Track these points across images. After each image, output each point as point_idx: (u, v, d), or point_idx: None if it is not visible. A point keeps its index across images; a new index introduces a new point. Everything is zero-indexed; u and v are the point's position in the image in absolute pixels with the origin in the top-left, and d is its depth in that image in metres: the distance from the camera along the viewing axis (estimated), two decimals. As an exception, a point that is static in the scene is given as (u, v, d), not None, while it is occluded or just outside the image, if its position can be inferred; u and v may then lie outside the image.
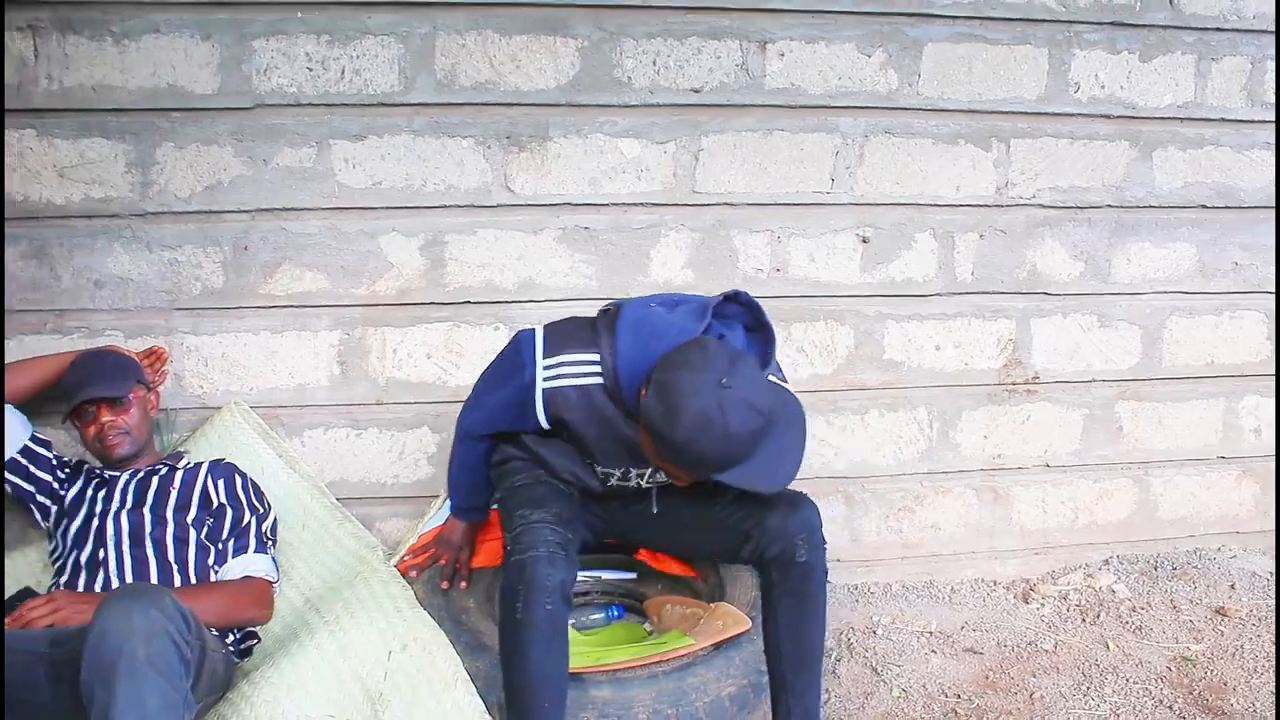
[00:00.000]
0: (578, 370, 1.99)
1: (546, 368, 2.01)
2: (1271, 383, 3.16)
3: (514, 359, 2.07)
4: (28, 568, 2.45)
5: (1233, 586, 3.03)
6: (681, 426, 1.75)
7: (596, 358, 1.98)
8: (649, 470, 2.12)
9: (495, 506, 2.35)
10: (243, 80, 2.56)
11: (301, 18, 2.55)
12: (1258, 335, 3.13)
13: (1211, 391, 3.13)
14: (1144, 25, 2.91)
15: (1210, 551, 3.22)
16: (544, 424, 2.04)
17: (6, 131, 2.51)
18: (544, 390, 2.00)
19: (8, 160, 2.52)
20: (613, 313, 2.03)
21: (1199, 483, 3.19)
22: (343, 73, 2.58)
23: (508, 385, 2.08)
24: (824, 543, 2.08)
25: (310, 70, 2.57)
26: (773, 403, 1.83)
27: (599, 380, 1.97)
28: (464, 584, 2.36)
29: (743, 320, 2.07)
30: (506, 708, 1.95)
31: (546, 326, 2.10)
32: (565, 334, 2.06)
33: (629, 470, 2.12)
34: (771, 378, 2.03)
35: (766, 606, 2.12)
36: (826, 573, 2.09)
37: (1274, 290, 3.11)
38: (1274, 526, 3.24)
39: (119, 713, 1.58)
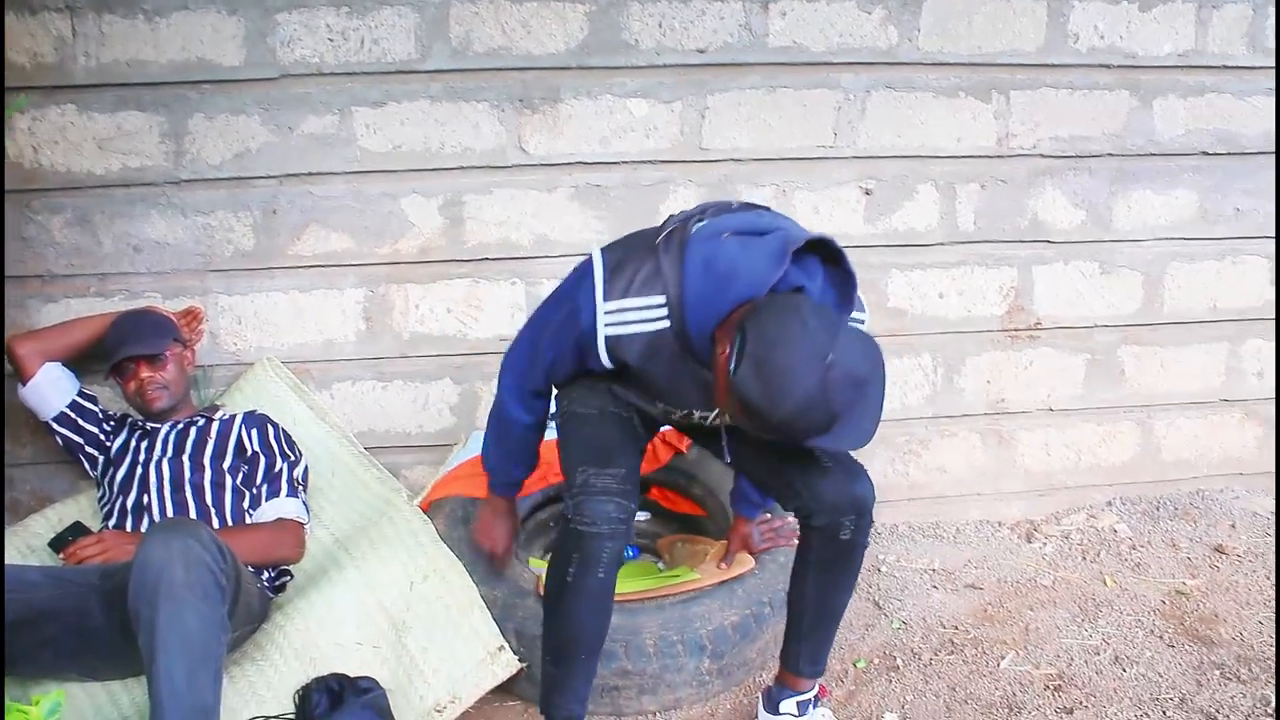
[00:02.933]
0: (643, 315, 1.84)
1: (608, 313, 1.85)
2: (1273, 325, 3.22)
3: (571, 300, 1.92)
4: (79, 514, 2.62)
5: (1233, 526, 3.11)
6: (784, 409, 1.62)
7: (663, 299, 1.82)
8: (714, 413, 2.00)
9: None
10: (268, 52, 2.68)
11: (321, -10, 2.68)
12: (1260, 280, 3.19)
13: (1214, 336, 3.20)
14: (1144, -26, 2.96)
15: (1213, 493, 3.30)
16: (607, 365, 1.91)
17: (48, 107, 2.65)
18: (606, 337, 1.86)
19: (50, 134, 2.67)
20: (680, 240, 1.85)
21: (1202, 425, 3.26)
22: (362, 42, 2.70)
23: (565, 330, 1.94)
24: (873, 523, 2.01)
25: (331, 41, 2.69)
26: (871, 367, 1.68)
27: (666, 324, 1.83)
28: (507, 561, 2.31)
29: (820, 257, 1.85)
30: (545, 652, 2.00)
31: (606, 256, 1.90)
32: (628, 270, 1.86)
33: (693, 411, 2.02)
34: (856, 318, 1.91)
35: (800, 562, 2.06)
36: (867, 546, 2.02)
37: (1274, 235, 3.16)
38: (1274, 468, 3.30)
39: (162, 630, 1.75)
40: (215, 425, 2.58)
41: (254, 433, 2.59)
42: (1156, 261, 3.12)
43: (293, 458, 2.61)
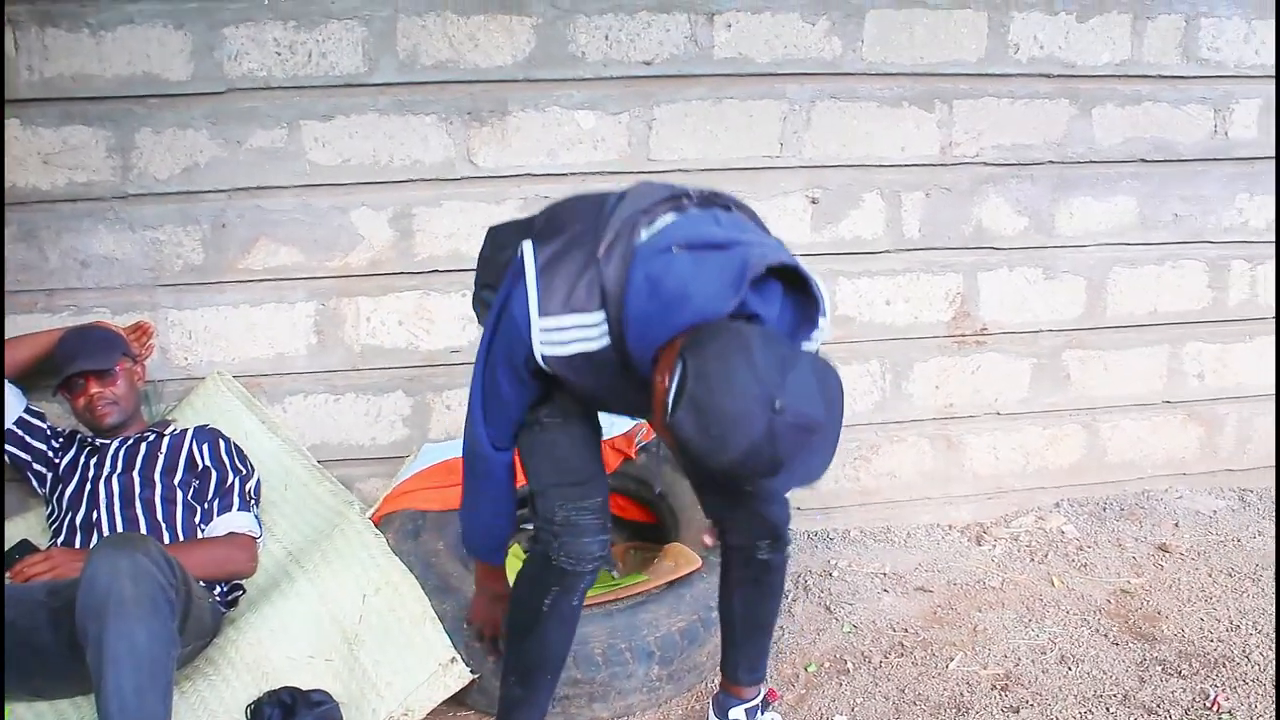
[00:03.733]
0: (582, 335, 1.68)
1: (544, 330, 1.68)
2: (1213, 328, 3.30)
3: (507, 312, 1.75)
4: (27, 531, 2.60)
5: (1177, 525, 3.18)
6: (724, 458, 1.46)
7: (602, 317, 1.66)
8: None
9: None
10: (215, 66, 2.68)
11: (268, 4, 2.67)
12: (1198, 284, 3.26)
13: (1155, 339, 3.27)
14: (1081, -14, 3.03)
15: (1158, 492, 3.36)
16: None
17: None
18: (542, 355, 1.71)
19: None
20: (625, 251, 1.66)
21: (1145, 426, 3.33)
22: (310, 56, 2.71)
23: (512, 349, 1.76)
24: (790, 541, 2.00)
25: (279, 55, 2.70)
26: (825, 409, 1.49)
27: (606, 343, 1.67)
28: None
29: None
30: (509, 673, 1.98)
31: (539, 253, 1.71)
32: (563, 274, 1.68)
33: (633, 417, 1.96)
34: (815, 331, 1.72)
35: (723, 577, 2.06)
36: (788, 560, 2.02)
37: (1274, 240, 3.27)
38: (1219, 467, 3.39)
39: (110, 646, 1.74)
40: (166, 440, 2.57)
41: (205, 447, 2.58)
42: (1098, 267, 3.18)
43: (244, 472, 2.60)
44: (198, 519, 2.49)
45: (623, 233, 1.68)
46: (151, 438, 2.58)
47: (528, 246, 1.74)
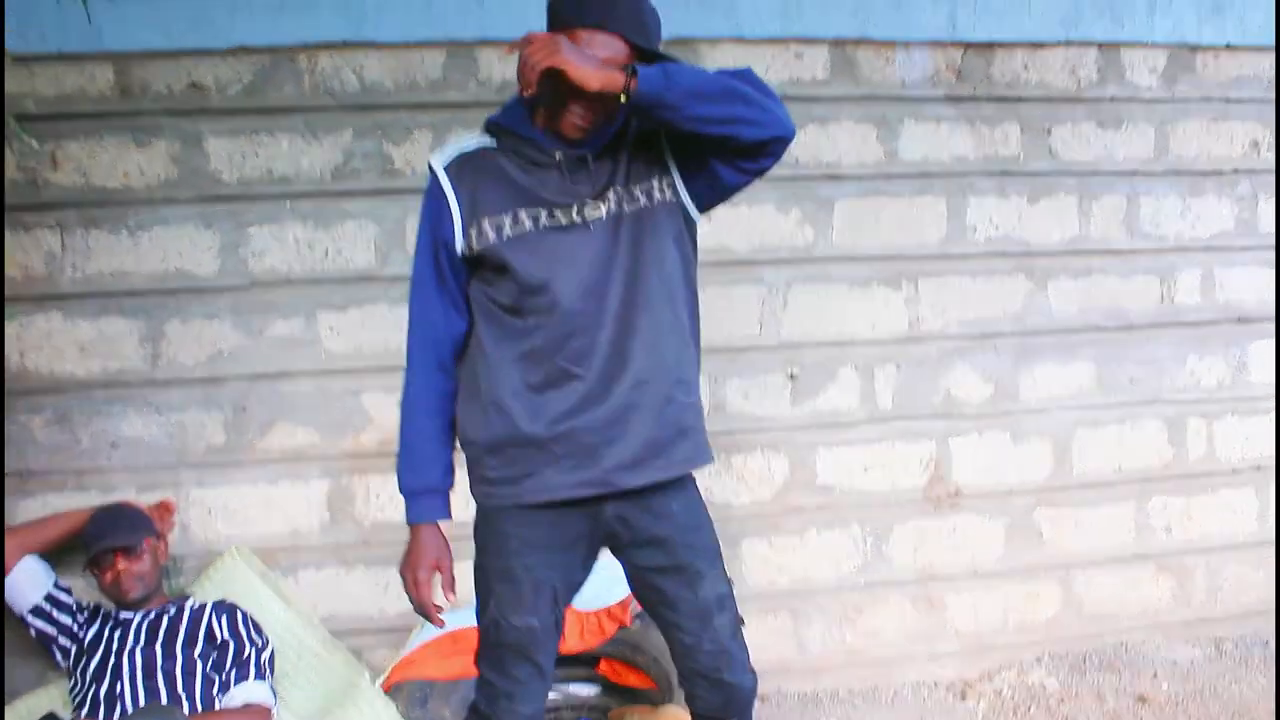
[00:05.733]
0: (465, 140, 1.96)
1: (443, 156, 1.94)
2: (1176, 482, 3.48)
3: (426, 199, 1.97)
4: (50, 704, 2.71)
5: (1155, 675, 3.30)
6: None
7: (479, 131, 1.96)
8: (574, 205, 1.89)
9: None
10: (240, 262, 2.94)
11: (290, 207, 2.95)
12: (1159, 441, 3.46)
13: (1122, 495, 3.44)
14: (1029, 173, 3.33)
15: (1135, 644, 3.48)
16: (458, 224, 1.90)
17: (36, 315, 2.88)
18: (444, 169, 1.91)
19: (36, 339, 2.89)
20: None
21: (1119, 579, 3.47)
22: (326, 253, 2.97)
23: (427, 225, 1.98)
24: (752, 707, 2.07)
25: (298, 252, 2.96)
26: None
27: (489, 140, 1.93)
28: (451, 595, 2.12)
29: None
30: None
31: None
32: None
33: (551, 209, 1.89)
34: None
35: None
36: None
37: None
38: (1194, 616, 3.52)
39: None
40: (186, 614, 2.71)
41: (223, 619, 2.72)
42: (1063, 428, 3.39)
43: (260, 643, 2.73)
44: (215, 690, 2.62)
45: None
46: (173, 611, 2.72)
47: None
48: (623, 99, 1.75)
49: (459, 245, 1.92)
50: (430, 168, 1.94)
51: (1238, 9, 3.40)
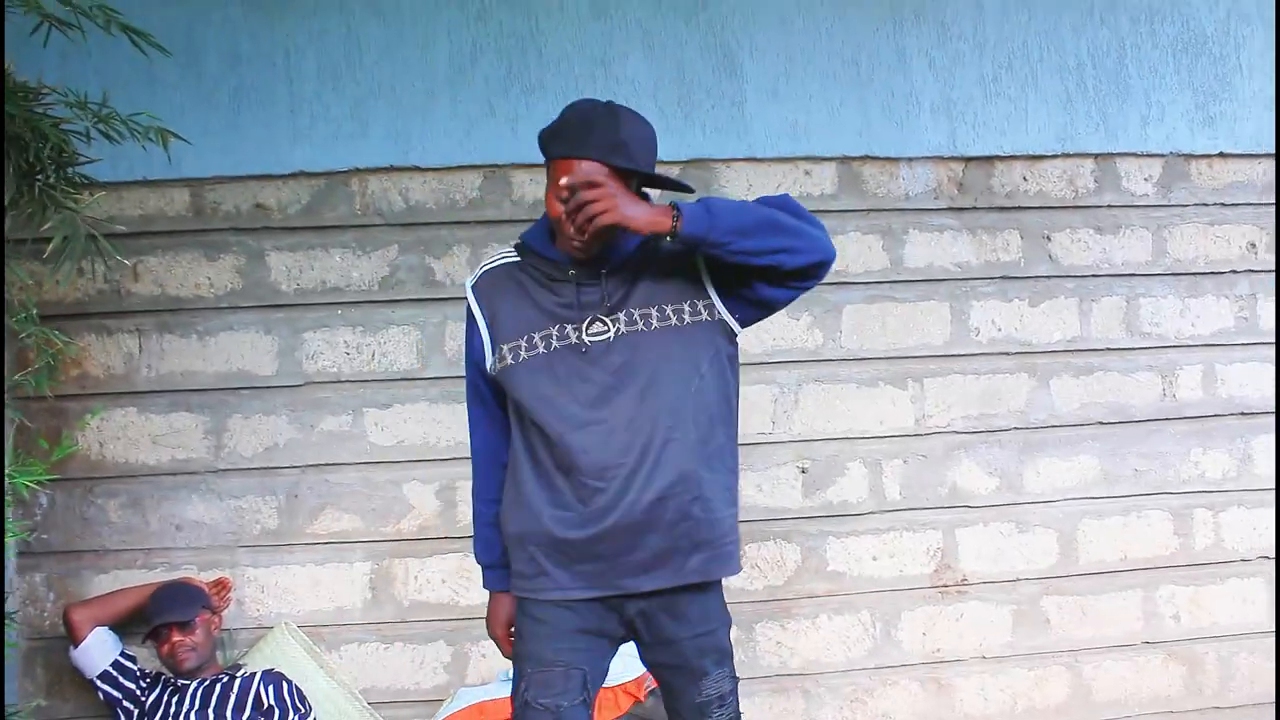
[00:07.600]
0: (495, 257, 2.13)
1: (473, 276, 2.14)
2: (1184, 572, 3.57)
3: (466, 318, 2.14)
4: (112, 766, 2.99)
5: (1164, 764, 3.38)
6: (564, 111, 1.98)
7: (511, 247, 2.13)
8: (584, 321, 2.01)
9: None
10: (295, 364, 3.25)
11: (341, 314, 3.27)
12: (1164, 531, 3.57)
13: (1129, 583, 3.55)
14: (1030, 277, 3.52)
15: (1146, 731, 3.57)
16: (487, 347, 2.08)
17: (114, 410, 3.21)
18: (472, 289, 2.10)
19: (114, 431, 3.21)
20: None
21: (1128, 667, 3.56)
22: (373, 355, 3.27)
23: (467, 345, 2.15)
24: None
25: (348, 354, 3.27)
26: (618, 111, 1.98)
27: (513, 255, 2.10)
28: None
29: None
30: None
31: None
32: None
33: (563, 326, 2.02)
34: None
35: None
36: None
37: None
38: (1206, 705, 3.59)
39: None
40: (237, 682, 2.98)
41: (270, 689, 2.98)
42: (1068, 519, 3.52)
43: (304, 710, 2.98)
44: (262, 755, 2.88)
45: None
46: (225, 680, 2.99)
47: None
48: (669, 239, 1.90)
49: (488, 365, 2.10)
50: (466, 288, 2.14)
51: (1228, 121, 3.60)
